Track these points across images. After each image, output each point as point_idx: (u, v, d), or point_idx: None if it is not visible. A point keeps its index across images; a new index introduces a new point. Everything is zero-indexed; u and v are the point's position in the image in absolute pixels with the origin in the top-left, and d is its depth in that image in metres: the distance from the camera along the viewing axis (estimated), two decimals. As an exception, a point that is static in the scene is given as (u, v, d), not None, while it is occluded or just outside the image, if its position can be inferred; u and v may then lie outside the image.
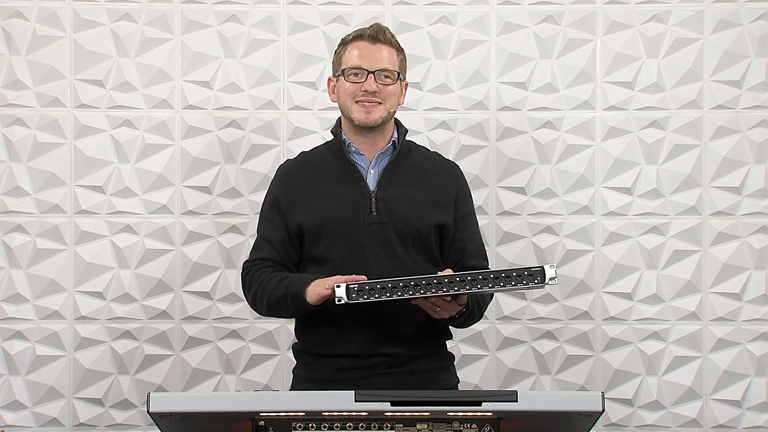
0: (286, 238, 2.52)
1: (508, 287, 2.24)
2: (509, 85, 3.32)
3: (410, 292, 2.23)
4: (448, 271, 2.35)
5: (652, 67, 3.31)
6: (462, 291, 2.24)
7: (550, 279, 2.21)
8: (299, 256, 2.54)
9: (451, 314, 2.39)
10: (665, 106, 3.31)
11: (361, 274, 2.42)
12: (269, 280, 2.48)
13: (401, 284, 2.23)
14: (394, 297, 2.23)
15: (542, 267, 2.22)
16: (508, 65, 3.31)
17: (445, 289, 2.23)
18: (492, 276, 2.23)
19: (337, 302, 2.23)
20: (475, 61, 3.31)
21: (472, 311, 2.46)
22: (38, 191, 3.27)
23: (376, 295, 2.22)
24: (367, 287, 2.23)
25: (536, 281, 2.21)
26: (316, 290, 2.36)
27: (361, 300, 2.22)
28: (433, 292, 2.24)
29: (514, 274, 2.22)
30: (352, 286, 2.23)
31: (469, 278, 2.23)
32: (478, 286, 2.23)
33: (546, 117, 3.32)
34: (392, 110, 2.52)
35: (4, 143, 3.27)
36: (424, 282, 2.23)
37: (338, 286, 2.23)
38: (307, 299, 2.37)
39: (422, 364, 2.51)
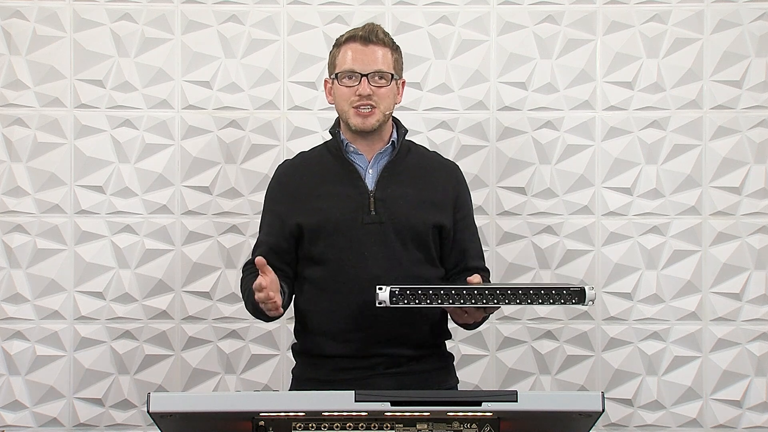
0: (281, 241, 2.51)
1: (546, 304, 2.24)
2: (509, 85, 3.32)
3: (450, 301, 2.22)
4: (476, 278, 2.35)
5: (652, 67, 3.31)
6: (501, 304, 2.23)
7: (590, 301, 2.23)
8: (295, 257, 2.54)
9: (476, 320, 2.40)
10: (665, 106, 3.31)
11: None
12: (245, 290, 2.49)
13: (442, 292, 2.22)
14: (435, 305, 2.23)
15: (583, 288, 2.23)
16: (508, 65, 3.31)
17: (485, 301, 2.22)
18: (532, 292, 2.23)
19: (378, 305, 2.22)
20: (475, 61, 3.31)
21: (487, 316, 2.47)
22: (38, 191, 3.27)
23: (417, 301, 2.22)
24: (408, 292, 2.22)
25: (574, 301, 2.23)
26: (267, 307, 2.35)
27: (401, 305, 2.22)
28: (472, 303, 2.23)
29: (554, 292, 2.23)
30: (394, 290, 2.22)
31: (509, 292, 2.22)
32: (517, 301, 2.23)
33: (546, 117, 3.32)
34: (388, 112, 2.52)
35: (4, 143, 3.27)
36: (464, 292, 2.22)
37: (381, 289, 2.21)
38: (269, 314, 2.38)
39: (422, 365, 2.51)
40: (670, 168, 3.30)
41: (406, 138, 2.61)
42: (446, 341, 2.61)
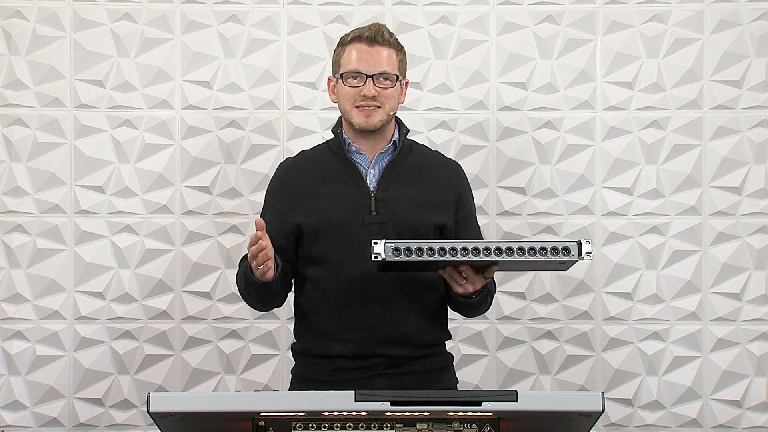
0: (281, 239, 2.51)
1: (543, 258, 2.21)
2: (509, 85, 3.32)
3: (446, 256, 2.20)
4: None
5: (652, 67, 3.31)
6: (498, 258, 2.21)
7: (586, 254, 2.20)
8: (294, 255, 2.54)
9: (476, 288, 2.36)
10: (665, 106, 3.31)
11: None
12: (239, 281, 2.52)
13: (437, 247, 2.20)
14: (430, 259, 2.20)
15: (579, 241, 2.21)
16: (508, 65, 3.31)
17: (481, 256, 2.20)
18: (528, 247, 2.20)
19: (373, 258, 2.19)
20: (475, 61, 3.31)
21: (486, 294, 2.46)
22: (38, 191, 3.27)
23: (413, 256, 2.19)
24: (403, 247, 2.20)
25: (571, 255, 2.20)
26: (257, 271, 2.35)
27: (398, 258, 2.19)
28: (469, 258, 2.21)
29: (551, 246, 2.21)
30: (389, 244, 2.20)
31: (506, 248, 2.20)
32: (515, 256, 2.20)
33: (546, 117, 3.32)
34: (392, 112, 2.52)
35: (4, 143, 3.27)
36: (460, 247, 2.20)
37: (376, 242, 2.19)
38: (259, 278, 2.37)
39: (421, 365, 2.50)
40: (670, 168, 3.30)
41: (408, 137, 2.61)
42: (446, 341, 2.61)
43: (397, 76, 2.50)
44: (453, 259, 2.21)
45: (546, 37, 3.32)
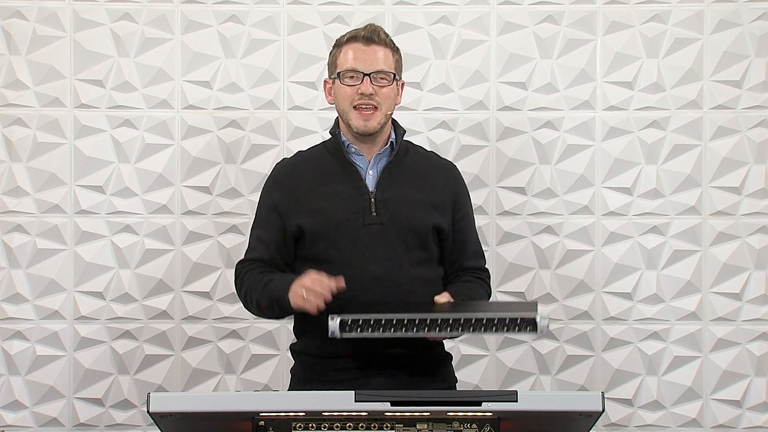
0: (280, 239, 2.51)
1: (500, 333, 2.24)
2: (509, 85, 3.32)
3: (402, 330, 2.22)
4: (444, 296, 2.39)
5: (652, 67, 3.31)
6: (454, 335, 2.24)
7: (541, 331, 2.21)
8: (293, 256, 2.54)
9: (438, 341, 2.47)
10: (665, 106, 3.31)
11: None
12: (256, 284, 2.48)
13: (394, 321, 2.21)
14: (387, 334, 2.22)
15: (534, 318, 2.21)
16: (508, 65, 3.31)
17: (438, 330, 2.23)
18: (485, 321, 2.22)
19: (330, 335, 2.22)
20: (475, 61, 3.31)
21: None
22: (38, 191, 3.27)
23: (369, 330, 2.22)
24: (360, 321, 2.22)
25: (528, 329, 2.22)
26: (294, 299, 2.36)
27: (353, 335, 2.22)
28: (426, 333, 2.23)
29: (507, 320, 2.22)
30: (344, 319, 2.22)
31: (461, 321, 2.22)
32: (471, 330, 2.22)
33: (546, 117, 3.32)
34: (389, 113, 2.52)
35: (4, 143, 3.27)
36: (417, 321, 2.22)
37: (332, 318, 2.23)
38: (291, 305, 2.38)
39: (420, 365, 2.51)
40: (670, 168, 3.30)
41: (405, 138, 2.61)
42: (445, 341, 2.61)
43: (394, 75, 2.50)
44: (409, 334, 2.23)
45: (546, 37, 3.32)
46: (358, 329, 2.22)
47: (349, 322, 2.22)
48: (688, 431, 3.29)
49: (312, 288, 2.31)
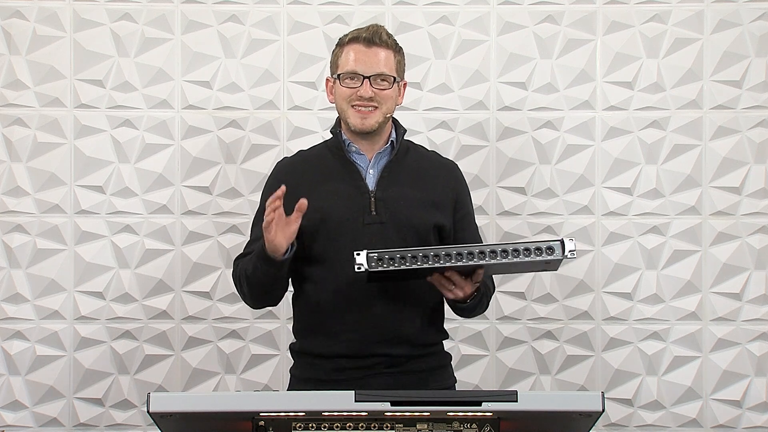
0: None
1: (527, 259, 2.21)
2: (509, 85, 3.32)
3: (429, 262, 2.21)
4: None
5: (652, 67, 3.31)
6: (480, 262, 2.21)
7: (569, 252, 2.20)
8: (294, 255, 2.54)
9: (466, 293, 2.37)
10: (665, 106, 3.31)
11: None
12: (245, 264, 2.47)
13: (420, 254, 2.20)
14: (414, 266, 2.20)
15: (562, 239, 2.21)
16: (508, 65, 3.31)
17: (463, 260, 2.21)
18: (511, 248, 2.21)
19: (356, 270, 2.20)
20: (475, 61, 3.31)
21: (481, 297, 2.46)
22: (38, 191, 3.27)
23: (396, 264, 2.20)
24: (386, 256, 2.20)
25: (555, 253, 2.20)
26: (267, 246, 2.32)
27: (381, 268, 2.20)
28: (452, 263, 2.21)
29: (533, 246, 2.21)
30: (372, 254, 2.21)
31: (488, 250, 2.21)
32: (497, 258, 2.20)
33: (546, 117, 3.32)
34: (389, 114, 2.51)
35: (4, 143, 3.27)
36: (443, 252, 2.21)
37: (358, 254, 2.20)
38: (269, 253, 2.34)
39: (420, 364, 2.50)
40: (670, 168, 3.30)
41: (405, 138, 2.61)
42: (444, 341, 2.61)
43: (395, 78, 2.49)
44: (436, 265, 2.22)
45: (546, 37, 3.32)
46: (385, 264, 2.20)
47: (376, 256, 2.20)
48: (688, 431, 3.29)
49: (268, 212, 2.28)
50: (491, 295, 2.58)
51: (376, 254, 2.21)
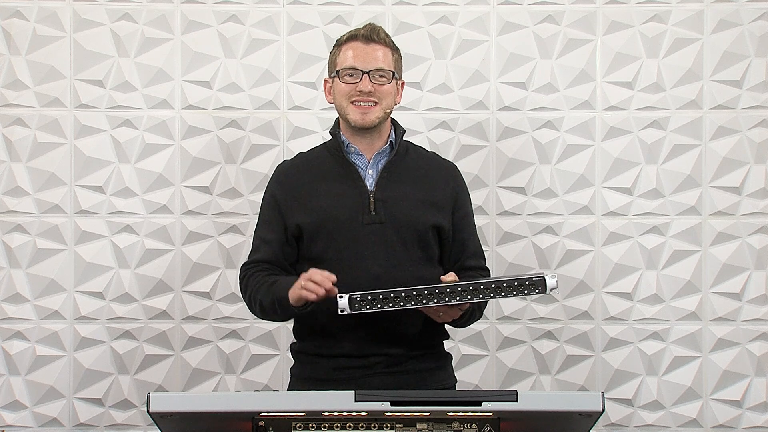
0: (284, 239, 2.52)
1: (508, 296, 2.26)
2: (509, 85, 3.32)
3: (412, 302, 2.25)
4: (451, 276, 2.38)
5: (652, 67, 3.31)
6: (462, 301, 2.26)
7: (551, 289, 2.23)
8: (296, 257, 2.54)
9: (453, 318, 2.41)
10: (665, 106, 3.31)
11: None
12: (260, 286, 2.48)
13: (403, 294, 2.25)
14: (396, 307, 2.25)
15: (543, 276, 2.23)
16: (508, 65, 3.31)
17: (446, 299, 2.25)
18: (493, 285, 2.25)
19: (340, 313, 2.24)
20: (475, 61, 3.31)
21: (472, 312, 2.47)
22: (38, 191, 3.27)
23: (379, 305, 2.24)
24: (369, 297, 2.24)
25: (537, 290, 2.23)
26: (293, 293, 2.36)
27: (363, 310, 2.24)
28: (435, 302, 2.26)
29: (515, 283, 2.24)
30: (354, 296, 2.24)
31: (470, 288, 2.25)
32: (479, 296, 2.26)
33: (546, 117, 3.32)
34: (388, 110, 2.52)
35: (4, 143, 3.27)
36: (425, 292, 2.25)
37: (341, 297, 2.24)
38: (292, 304, 2.38)
39: (420, 364, 2.51)
40: (670, 168, 3.30)
41: (405, 138, 2.61)
42: (444, 341, 2.61)
43: (393, 73, 2.50)
44: (419, 305, 2.26)
45: (546, 37, 3.32)
46: (367, 305, 2.24)
47: (358, 298, 2.24)
48: (688, 431, 3.29)
49: (311, 277, 2.31)
50: (485, 306, 2.59)
51: (358, 296, 2.25)
